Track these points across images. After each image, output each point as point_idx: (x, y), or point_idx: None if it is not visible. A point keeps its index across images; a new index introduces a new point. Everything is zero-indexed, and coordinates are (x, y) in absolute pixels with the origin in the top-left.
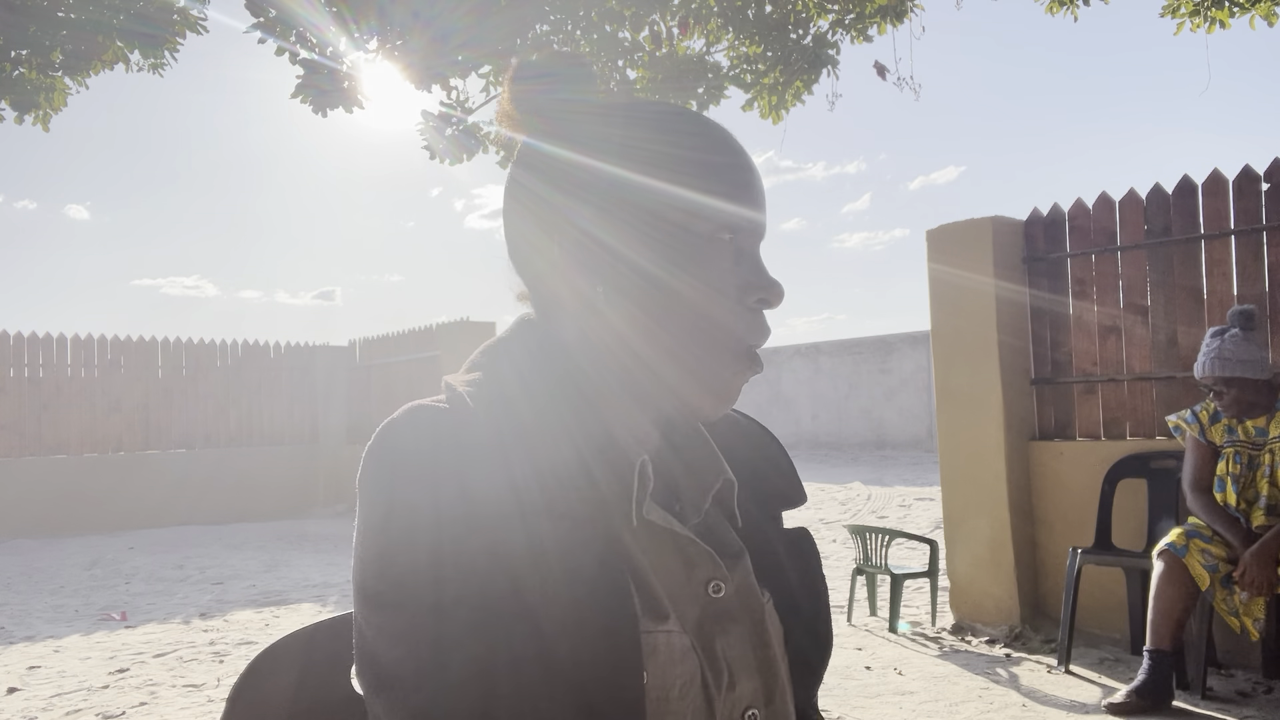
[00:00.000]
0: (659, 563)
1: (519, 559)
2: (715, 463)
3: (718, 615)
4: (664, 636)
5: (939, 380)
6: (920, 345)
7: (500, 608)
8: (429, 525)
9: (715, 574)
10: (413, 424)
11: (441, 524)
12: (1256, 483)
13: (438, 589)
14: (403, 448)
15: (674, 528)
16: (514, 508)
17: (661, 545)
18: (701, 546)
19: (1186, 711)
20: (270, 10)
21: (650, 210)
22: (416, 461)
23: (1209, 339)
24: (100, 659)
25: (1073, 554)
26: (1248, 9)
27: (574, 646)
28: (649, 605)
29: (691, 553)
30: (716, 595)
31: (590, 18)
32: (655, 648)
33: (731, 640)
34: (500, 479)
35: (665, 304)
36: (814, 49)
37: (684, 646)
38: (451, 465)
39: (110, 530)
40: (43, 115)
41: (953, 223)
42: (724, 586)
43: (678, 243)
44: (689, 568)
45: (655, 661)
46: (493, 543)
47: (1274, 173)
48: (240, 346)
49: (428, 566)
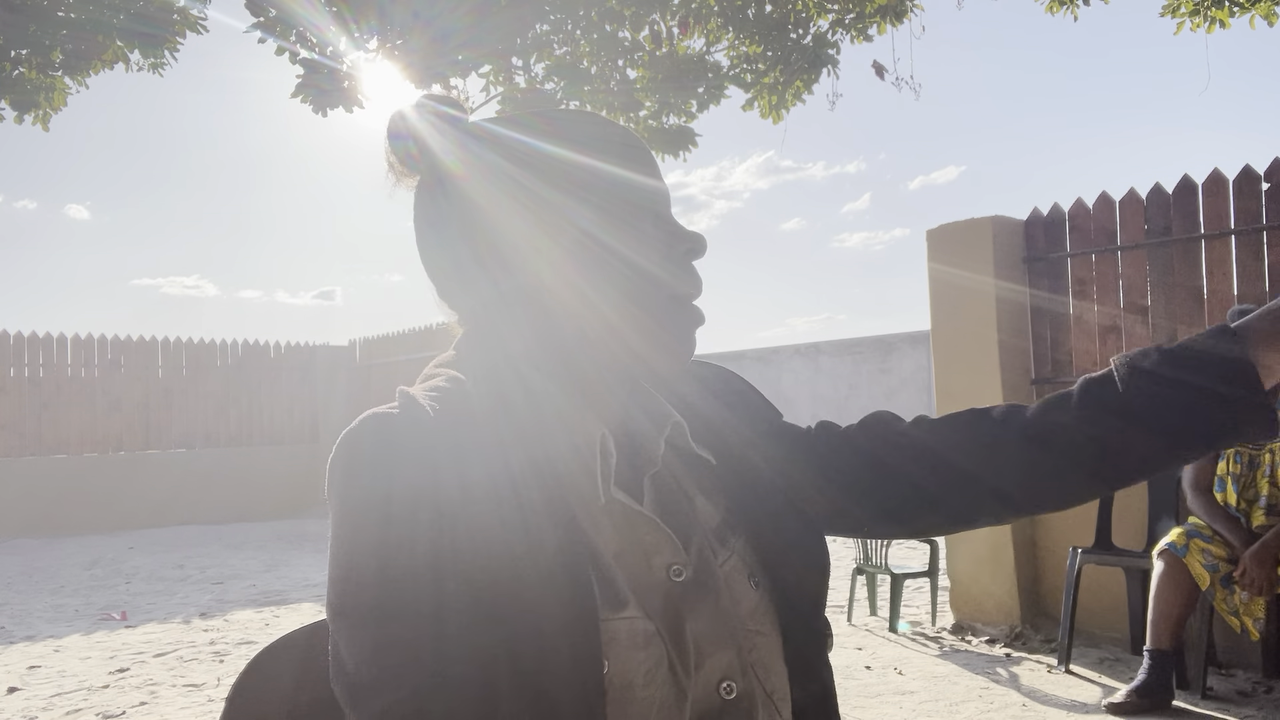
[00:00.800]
0: (619, 549)
1: (482, 557)
2: (660, 408)
3: (683, 597)
4: (625, 624)
5: (939, 380)
6: (920, 345)
7: (465, 609)
8: (381, 532)
9: (675, 558)
10: (371, 431)
11: (400, 527)
12: (1257, 482)
13: (391, 598)
14: (362, 456)
15: (637, 508)
16: (477, 500)
17: (621, 529)
18: (661, 529)
19: (1186, 711)
20: (270, 10)
21: (585, 189)
22: (375, 468)
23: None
24: (100, 659)
25: (1073, 554)
26: (1248, 9)
27: (534, 638)
28: (608, 593)
29: (651, 537)
30: (678, 579)
31: (590, 17)
32: (615, 636)
33: (700, 619)
34: (461, 478)
35: (603, 269)
36: (814, 49)
37: (647, 632)
38: (412, 465)
39: (110, 530)
40: (43, 115)
41: (953, 223)
42: (684, 570)
43: (610, 217)
44: (648, 555)
45: (616, 650)
46: (455, 540)
47: (1274, 173)
48: (240, 346)
49: (373, 573)
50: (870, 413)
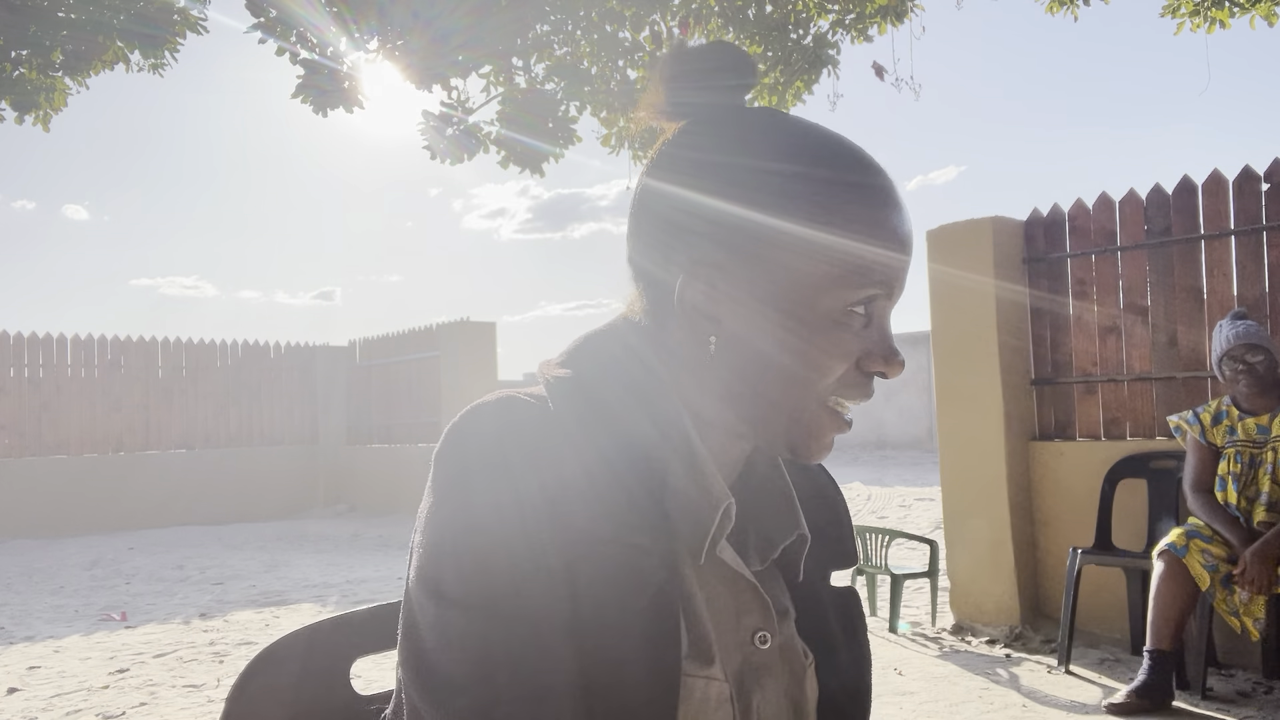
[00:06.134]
0: (712, 604)
1: (587, 581)
2: (793, 515)
3: (758, 667)
4: (704, 683)
5: (939, 380)
6: (920, 345)
7: (561, 627)
8: (515, 529)
9: (765, 624)
10: (503, 417)
11: (527, 531)
12: (1258, 480)
13: (512, 597)
14: (489, 441)
15: (741, 571)
16: (594, 526)
17: (717, 586)
18: (760, 593)
19: (1186, 711)
20: (270, 10)
21: (791, 270)
22: (501, 458)
23: (1226, 323)
24: (100, 659)
25: (1073, 554)
26: (1248, 9)
27: (613, 678)
28: (696, 647)
29: (746, 598)
30: (762, 646)
31: (590, 18)
32: (693, 692)
33: (768, 695)
34: (586, 494)
35: (777, 366)
36: (814, 49)
37: (721, 695)
38: (539, 470)
39: (110, 530)
40: (43, 115)
41: (953, 223)
42: (770, 639)
43: (810, 313)
44: (739, 614)
45: (689, 706)
46: (569, 560)
47: (1274, 173)
48: (240, 346)
49: (503, 572)
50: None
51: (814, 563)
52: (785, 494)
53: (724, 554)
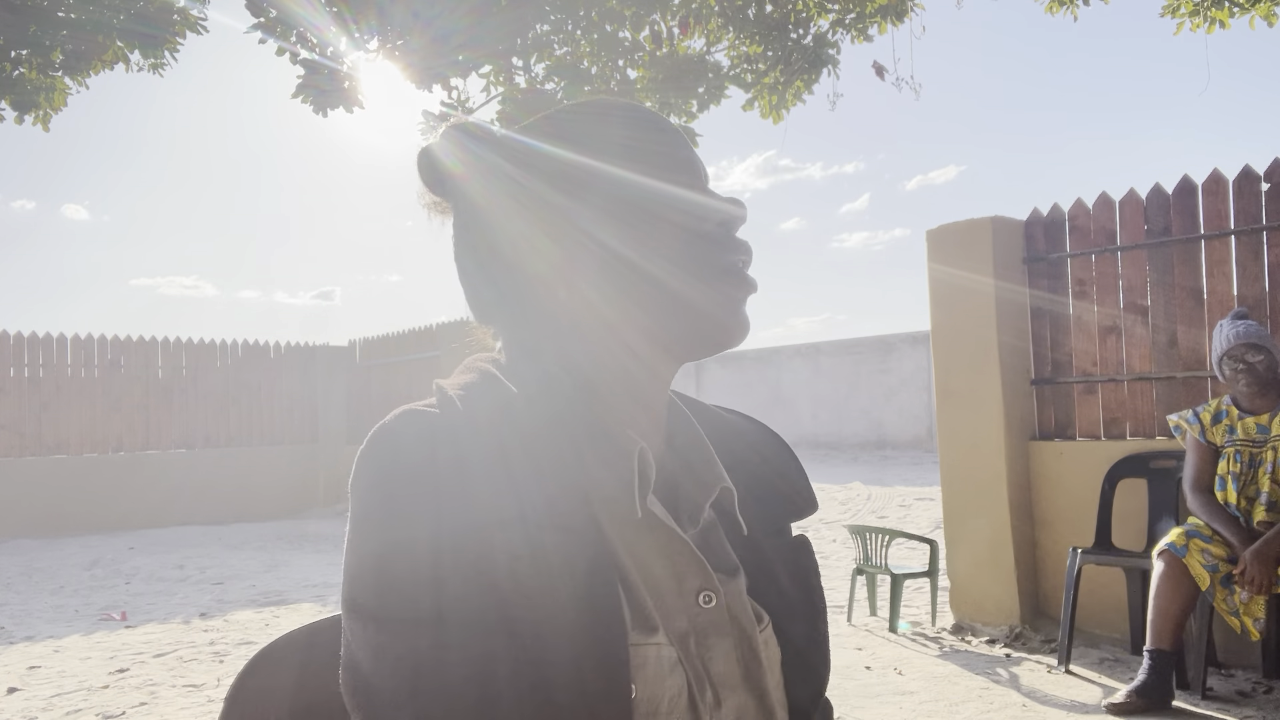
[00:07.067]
0: (649, 569)
1: (515, 571)
2: (714, 469)
3: (705, 627)
4: (653, 649)
5: (939, 380)
6: (920, 345)
7: (496, 623)
8: (427, 537)
9: (706, 584)
10: (407, 429)
11: (440, 535)
12: (1258, 479)
13: (433, 603)
14: (398, 454)
15: (669, 523)
16: (514, 517)
17: (653, 550)
18: (694, 553)
19: (1186, 711)
20: (270, 10)
21: (586, 192)
22: (412, 469)
23: (1226, 323)
24: (100, 659)
25: (1073, 554)
26: (1248, 9)
27: (562, 660)
28: (639, 616)
29: (684, 559)
30: (707, 605)
31: (590, 17)
32: (645, 661)
33: (718, 655)
34: (500, 487)
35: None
36: (814, 49)
37: (672, 659)
38: (450, 473)
39: (110, 530)
40: (43, 115)
41: (953, 223)
42: (714, 597)
43: (619, 219)
44: (679, 577)
45: (644, 675)
46: (490, 554)
47: (1274, 173)
48: (240, 346)
49: (426, 580)
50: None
51: (766, 521)
52: (705, 451)
53: (654, 507)
